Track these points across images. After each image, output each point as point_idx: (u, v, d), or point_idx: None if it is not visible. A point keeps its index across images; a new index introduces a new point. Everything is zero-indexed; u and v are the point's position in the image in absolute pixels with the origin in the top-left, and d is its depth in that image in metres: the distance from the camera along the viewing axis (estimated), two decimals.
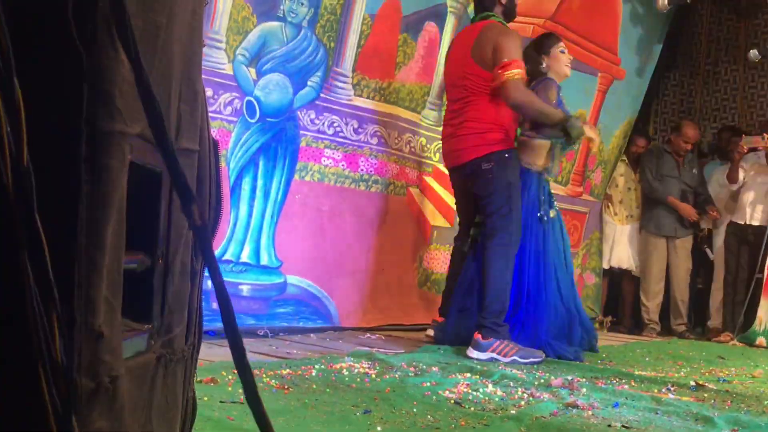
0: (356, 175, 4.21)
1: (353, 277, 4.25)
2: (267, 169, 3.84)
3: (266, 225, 3.87)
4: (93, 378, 0.78)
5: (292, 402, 2.29)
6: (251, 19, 3.63)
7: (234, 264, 3.75)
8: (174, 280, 1.03)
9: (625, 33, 5.78)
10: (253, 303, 3.85)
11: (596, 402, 2.59)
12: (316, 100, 3.97)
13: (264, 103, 3.74)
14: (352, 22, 4.02)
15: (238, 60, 3.62)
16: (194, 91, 1.09)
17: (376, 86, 4.21)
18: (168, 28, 0.95)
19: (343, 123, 4.12)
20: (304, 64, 3.88)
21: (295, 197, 3.96)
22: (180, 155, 1.06)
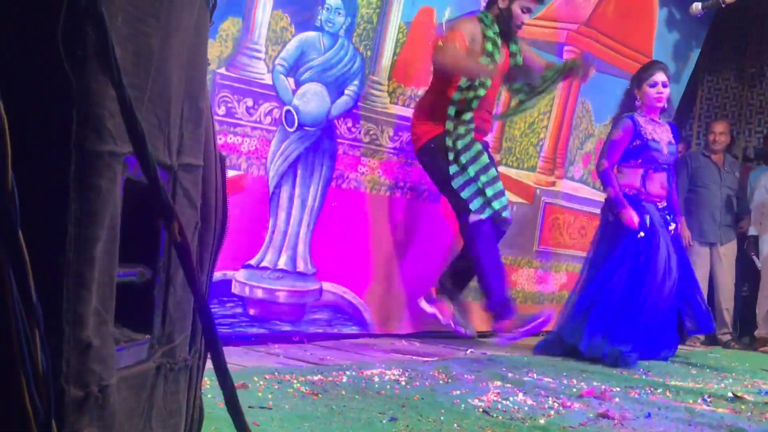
0: (392, 182, 4.24)
1: (388, 284, 4.27)
2: (304, 177, 3.89)
3: (303, 232, 3.92)
4: (82, 387, 0.82)
5: (320, 408, 2.32)
6: (289, 29, 3.69)
7: (271, 271, 3.80)
8: (176, 291, 1.07)
9: (661, 38, 5.68)
10: (289, 309, 3.89)
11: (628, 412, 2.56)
12: (353, 108, 4.01)
13: (302, 112, 3.79)
14: (388, 31, 4.05)
15: (277, 70, 3.68)
16: (198, 108, 1.12)
17: (412, 93, 4.23)
18: (163, 50, 0.98)
19: (379, 131, 4.14)
20: (341, 73, 3.92)
21: (331, 205, 4.00)
22: (183, 170, 1.10)
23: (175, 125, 1.06)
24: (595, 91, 5.28)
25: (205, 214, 1.13)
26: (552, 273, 5.30)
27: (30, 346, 0.74)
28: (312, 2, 3.73)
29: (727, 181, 5.65)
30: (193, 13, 1.09)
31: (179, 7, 1.02)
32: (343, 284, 4.09)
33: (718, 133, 5.66)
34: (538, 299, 5.20)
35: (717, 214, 5.61)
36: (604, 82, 5.33)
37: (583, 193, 5.44)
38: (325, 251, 3.99)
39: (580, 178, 5.49)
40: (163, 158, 1.02)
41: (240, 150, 3.54)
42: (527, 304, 5.13)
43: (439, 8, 4.25)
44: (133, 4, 0.91)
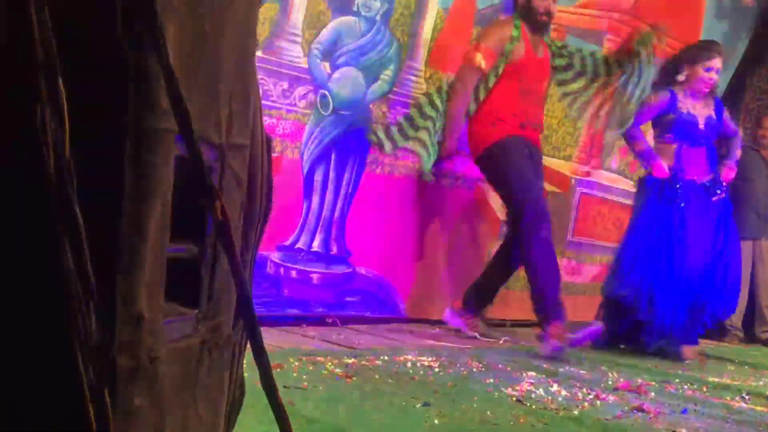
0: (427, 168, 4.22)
1: (421, 269, 4.27)
2: (339, 161, 3.90)
3: (337, 216, 3.94)
4: (132, 357, 0.84)
5: (354, 391, 2.34)
6: (326, 14, 3.69)
7: (305, 253, 3.83)
8: (222, 268, 1.08)
9: (709, 28, 5.56)
10: (322, 292, 3.92)
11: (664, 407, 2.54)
12: (388, 93, 4.00)
13: (337, 96, 3.80)
14: (426, 16, 4.03)
15: (313, 54, 3.69)
16: (246, 89, 1.13)
17: (449, 80, 4.20)
18: (216, 32, 0.99)
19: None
20: (377, 58, 3.91)
21: (365, 189, 4.01)
22: (231, 150, 1.11)
23: (225, 104, 1.07)
24: None
25: (251, 193, 1.14)
26: (585, 264, 5.24)
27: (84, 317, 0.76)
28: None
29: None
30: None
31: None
32: (376, 269, 4.11)
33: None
34: (570, 290, 5.16)
35: (761, 208, 5.49)
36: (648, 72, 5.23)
37: (620, 185, 5.36)
38: (359, 235, 4.01)
39: (617, 169, 5.41)
40: (212, 137, 1.03)
41: (275, 133, 3.56)
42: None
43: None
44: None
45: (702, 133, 4.14)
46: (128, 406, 0.84)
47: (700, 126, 4.13)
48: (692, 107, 4.12)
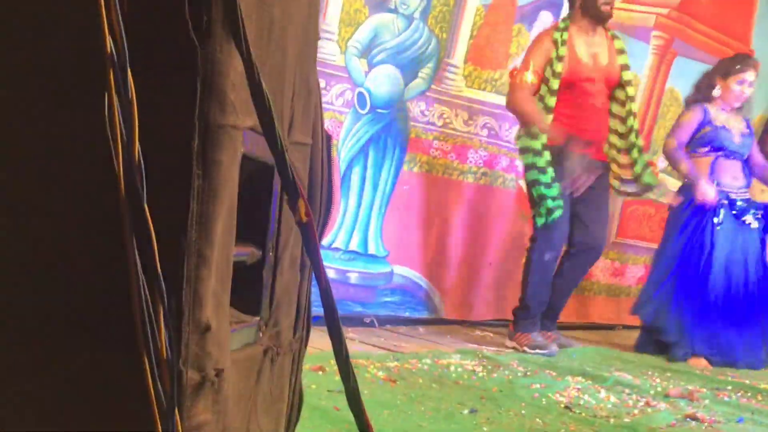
0: (465, 167, 4.15)
1: (460, 269, 4.19)
2: (376, 159, 3.84)
3: (374, 215, 3.88)
4: (199, 370, 0.78)
5: (399, 396, 2.28)
6: (363, 11, 3.63)
7: (343, 252, 3.78)
8: (283, 273, 1.02)
9: (762, 22, 5.38)
10: (360, 291, 3.87)
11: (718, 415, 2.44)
12: (426, 91, 3.93)
13: (374, 94, 3.74)
14: (465, 13, 3.94)
15: (350, 51, 3.63)
16: (308, 85, 1.07)
17: (488, 77, 4.12)
18: (283, 21, 0.93)
19: (453, 114, 4.06)
20: (415, 56, 3.84)
21: (403, 188, 3.94)
22: (292, 148, 1.05)
23: (288, 101, 1.01)
24: (685, 78, 5.05)
25: (312, 192, 1.08)
26: (629, 265, 5.12)
27: (153, 327, 0.70)
28: None
29: None
30: None
31: None
32: (414, 268, 4.04)
33: None
34: (614, 292, 5.05)
35: None
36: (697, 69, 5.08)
37: (667, 184, 5.23)
38: (397, 234, 3.95)
39: (664, 169, 5.27)
40: None
41: None
42: (602, 296, 4.98)
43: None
44: None
45: (737, 146, 4.06)
46: (194, 422, 0.78)
47: (735, 139, 4.05)
48: (726, 120, 4.05)
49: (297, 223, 0.87)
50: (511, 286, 4.38)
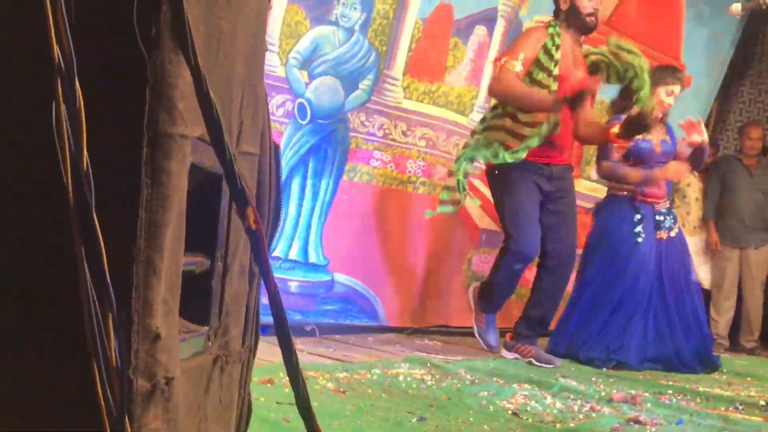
0: (404, 176, 4.18)
1: (400, 277, 4.21)
2: (316, 169, 3.84)
3: (314, 224, 3.87)
4: (149, 379, 0.77)
5: (348, 406, 2.25)
6: (304, 23, 3.63)
7: (283, 261, 3.75)
8: (232, 281, 1.01)
9: (691, 38, 5.49)
10: (300, 299, 3.84)
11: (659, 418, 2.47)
12: (366, 102, 3.95)
13: (315, 105, 3.74)
14: (404, 26, 3.98)
15: (291, 63, 3.63)
16: (256, 95, 1.07)
17: (426, 89, 4.16)
18: (232, 33, 0.93)
19: (393, 125, 4.08)
20: (355, 68, 3.86)
21: (343, 197, 3.94)
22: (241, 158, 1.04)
23: (236, 112, 1.01)
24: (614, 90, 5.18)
25: (260, 202, 1.08)
26: None
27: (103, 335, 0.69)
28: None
29: (759, 185, 5.41)
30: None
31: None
32: (355, 276, 4.04)
33: (755, 138, 5.43)
34: None
35: (746, 218, 5.39)
36: None
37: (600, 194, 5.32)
38: (338, 243, 3.94)
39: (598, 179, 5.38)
40: None
41: None
42: None
43: (458, 5, 4.17)
44: None
45: (658, 157, 4.08)
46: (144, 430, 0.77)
47: (656, 150, 4.08)
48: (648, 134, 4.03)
49: (246, 230, 0.87)
50: (451, 293, 4.42)
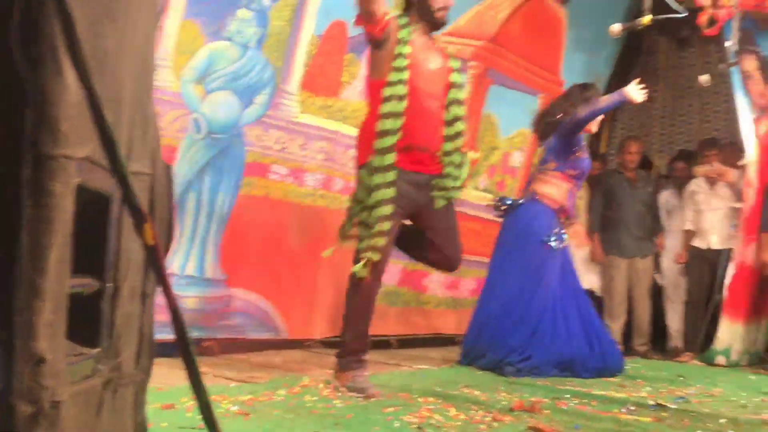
0: (302, 189, 4.18)
1: (301, 289, 4.19)
2: (212, 184, 3.78)
3: (211, 238, 3.81)
4: (33, 403, 0.75)
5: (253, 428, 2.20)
6: (199, 39, 3.59)
7: (178, 277, 3.67)
8: (123, 303, 0.99)
9: (570, 57, 5.74)
10: (198, 315, 3.77)
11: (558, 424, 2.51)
12: (263, 117, 3.93)
13: (210, 120, 3.69)
14: (300, 42, 3.99)
15: (186, 79, 3.57)
16: (145, 115, 1.06)
17: (323, 104, 4.19)
18: (118, 53, 0.92)
19: (290, 139, 4.08)
20: (251, 83, 3.84)
21: (240, 212, 3.90)
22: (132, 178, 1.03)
23: (126, 131, 0.99)
24: (501, 104, 5.36)
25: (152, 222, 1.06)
26: (462, 279, 5.33)
27: None
28: (223, 13, 3.64)
29: (640, 196, 5.61)
30: (143, 17, 1.02)
31: (135, 10, 0.96)
32: (253, 290, 3.99)
33: (634, 152, 5.62)
34: (451, 304, 5.24)
35: (633, 228, 5.56)
36: (510, 97, 5.40)
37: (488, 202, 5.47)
38: (235, 258, 3.89)
39: (485, 188, 5.54)
40: None
41: None
42: (440, 309, 5.13)
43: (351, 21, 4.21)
44: (89, 5, 0.84)
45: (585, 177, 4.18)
46: None
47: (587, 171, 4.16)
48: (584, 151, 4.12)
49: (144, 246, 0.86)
50: None
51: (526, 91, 5.49)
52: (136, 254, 1.04)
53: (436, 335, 4.97)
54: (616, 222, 5.57)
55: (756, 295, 5.36)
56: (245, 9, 3.73)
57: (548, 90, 5.68)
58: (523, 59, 5.39)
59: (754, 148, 5.37)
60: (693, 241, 5.61)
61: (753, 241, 5.28)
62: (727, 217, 5.48)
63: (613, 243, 5.59)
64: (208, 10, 3.57)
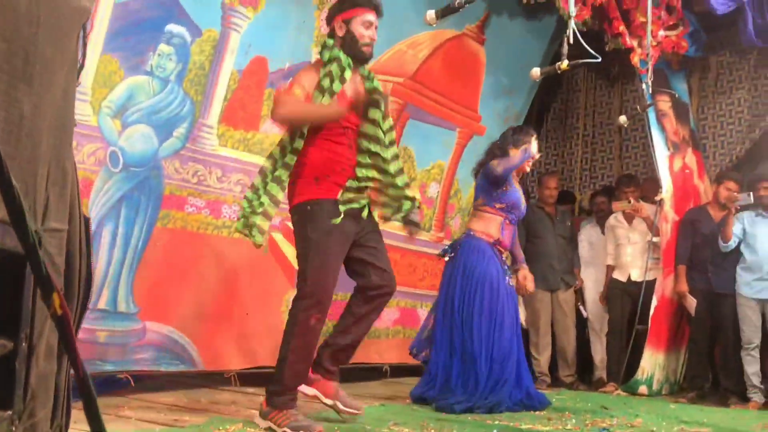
0: (219, 221, 4.13)
1: (217, 321, 4.13)
2: (128, 216, 3.71)
3: (125, 272, 3.73)
4: None
5: None
6: (118, 73, 3.54)
7: (91, 311, 3.56)
8: (38, 362, 0.98)
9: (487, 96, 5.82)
10: (110, 349, 3.66)
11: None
12: (181, 150, 3.88)
13: (128, 153, 3.63)
14: (220, 77, 3.97)
15: (103, 112, 3.52)
16: (63, 171, 1.05)
17: (241, 137, 4.18)
18: (35, 115, 0.92)
19: (207, 172, 4.04)
20: (170, 116, 3.79)
21: (156, 244, 3.83)
22: (48, 235, 1.02)
23: (41, 188, 0.98)
24: (418, 137, 5.45)
25: (69, 278, 1.05)
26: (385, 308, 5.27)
27: None
28: (143, 48, 3.60)
29: (560, 230, 5.73)
30: (62, 75, 1.02)
31: (51, 71, 0.96)
32: (168, 323, 3.92)
33: (552, 188, 5.75)
34: (374, 334, 5.23)
35: (554, 262, 5.65)
36: (428, 131, 5.49)
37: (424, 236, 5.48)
38: (150, 290, 3.82)
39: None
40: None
41: None
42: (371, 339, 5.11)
43: (273, 58, 4.23)
44: (4, 70, 0.84)
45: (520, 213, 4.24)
46: None
47: (521, 207, 4.22)
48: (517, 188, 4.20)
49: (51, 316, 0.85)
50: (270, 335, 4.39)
51: (443, 125, 5.59)
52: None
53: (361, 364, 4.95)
54: (539, 255, 5.60)
55: (675, 325, 5.52)
56: (165, 44, 3.70)
57: (466, 125, 5.82)
58: (442, 96, 5.51)
59: (669, 184, 5.56)
60: (614, 274, 5.71)
61: (671, 273, 5.43)
62: (646, 251, 5.58)
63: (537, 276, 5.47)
64: (128, 45, 3.52)
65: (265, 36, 4.12)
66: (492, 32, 5.56)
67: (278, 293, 4.51)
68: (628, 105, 6.60)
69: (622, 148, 6.83)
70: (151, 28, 3.60)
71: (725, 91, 6.28)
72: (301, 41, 4.37)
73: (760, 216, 5.14)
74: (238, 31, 4.00)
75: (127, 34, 3.51)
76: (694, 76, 6.31)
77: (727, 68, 6.29)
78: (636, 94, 6.23)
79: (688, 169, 5.82)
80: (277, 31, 4.19)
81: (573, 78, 7.01)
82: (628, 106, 6.54)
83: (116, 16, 3.43)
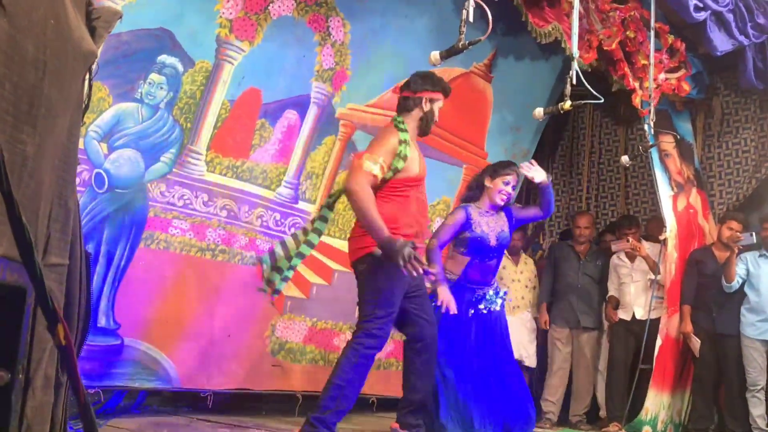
0: (203, 244, 4.08)
1: (196, 341, 4.06)
2: (112, 236, 3.68)
3: (106, 289, 3.69)
4: None
5: None
6: (107, 100, 3.52)
7: None
8: (35, 394, 0.95)
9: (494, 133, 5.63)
10: (86, 363, 3.58)
11: None
12: (168, 174, 3.85)
13: (113, 175, 3.61)
14: (211, 106, 3.93)
15: (90, 135, 3.50)
16: (66, 208, 1.04)
17: (230, 164, 4.12)
18: (38, 156, 0.91)
19: (194, 196, 4.00)
20: (158, 142, 3.76)
21: (139, 264, 3.78)
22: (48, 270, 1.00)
23: (43, 225, 0.97)
24: None
25: (69, 312, 1.03)
26: None
27: None
28: (134, 77, 3.58)
29: (587, 270, 5.51)
30: (67, 116, 1.02)
31: (55, 114, 0.95)
32: (146, 340, 3.86)
33: (583, 227, 5.55)
34: None
35: (574, 300, 5.44)
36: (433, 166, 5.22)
37: None
38: (131, 308, 3.77)
39: None
40: None
41: None
42: None
43: (267, 90, 4.16)
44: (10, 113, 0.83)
45: (492, 249, 4.11)
46: None
47: (491, 243, 4.08)
48: (486, 224, 4.08)
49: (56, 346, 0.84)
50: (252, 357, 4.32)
51: (450, 162, 5.39)
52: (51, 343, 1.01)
53: None
54: (559, 292, 5.46)
55: (680, 365, 5.33)
56: (157, 73, 3.68)
57: (472, 161, 5.53)
58: (448, 132, 5.28)
59: (673, 223, 5.37)
60: (618, 313, 5.46)
61: (675, 313, 5.22)
62: (649, 289, 5.38)
63: (555, 313, 5.47)
64: (118, 73, 3.51)
65: (260, 68, 4.05)
66: (499, 70, 5.42)
67: (265, 318, 4.41)
68: (634, 144, 6.46)
69: (628, 186, 6.68)
70: (142, 59, 3.58)
71: (731, 131, 6.08)
72: (301, 75, 4.29)
73: (763, 257, 4.99)
74: (232, 63, 3.95)
75: (117, 63, 3.50)
76: (699, 116, 6.15)
77: (732, 108, 6.11)
78: (641, 133, 6.04)
79: (693, 209, 5.65)
80: (273, 64, 4.13)
81: (580, 116, 6.88)
82: (633, 145, 6.41)
83: (108, 46, 3.40)
